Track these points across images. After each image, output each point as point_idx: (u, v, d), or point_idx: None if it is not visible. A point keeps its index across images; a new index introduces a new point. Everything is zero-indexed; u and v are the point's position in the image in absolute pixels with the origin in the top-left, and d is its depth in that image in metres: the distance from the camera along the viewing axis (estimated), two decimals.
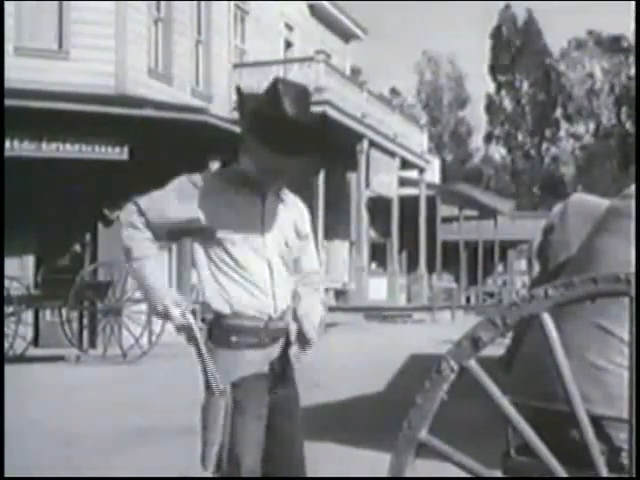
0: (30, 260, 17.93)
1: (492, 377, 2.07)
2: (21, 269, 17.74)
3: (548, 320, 1.98)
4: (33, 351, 15.65)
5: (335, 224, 29.83)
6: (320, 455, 7.09)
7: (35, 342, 16.74)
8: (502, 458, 2.52)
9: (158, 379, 12.85)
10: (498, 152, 68.47)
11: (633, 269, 2.25)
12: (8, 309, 14.37)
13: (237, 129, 18.11)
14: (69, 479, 6.43)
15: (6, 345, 14.42)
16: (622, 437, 2.23)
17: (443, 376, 2.06)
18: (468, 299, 44.91)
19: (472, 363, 2.04)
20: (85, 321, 15.94)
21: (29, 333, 15.82)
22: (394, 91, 63.61)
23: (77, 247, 17.34)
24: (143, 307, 14.67)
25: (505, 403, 2.05)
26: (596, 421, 2.20)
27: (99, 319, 15.09)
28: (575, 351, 2.34)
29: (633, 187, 2.62)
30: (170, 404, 10.07)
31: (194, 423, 3.53)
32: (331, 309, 23.68)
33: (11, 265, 17.16)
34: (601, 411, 2.32)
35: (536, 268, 2.97)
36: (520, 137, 67.17)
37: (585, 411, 2.03)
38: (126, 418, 9.23)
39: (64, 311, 14.65)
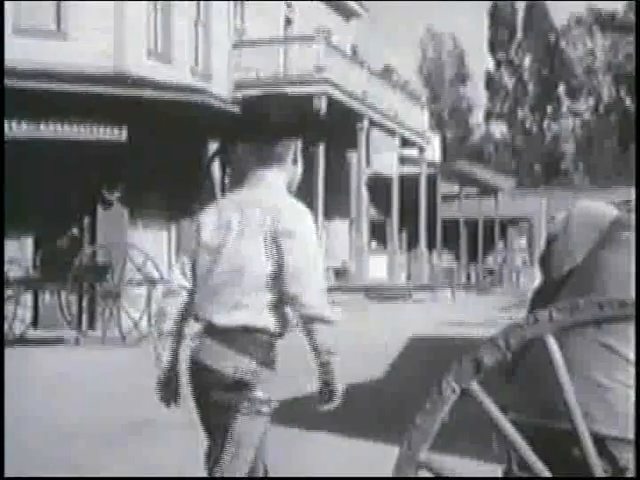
0: (29, 241, 17.86)
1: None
2: (20, 250, 17.68)
3: (553, 344, 1.93)
4: (32, 333, 15.56)
5: (335, 203, 29.76)
6: (319, 444, 7.09)
7: (34, 323, 16.68)
8: (504, 473, 2.48)
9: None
10: (499, 129, 68.25)
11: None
12: (7, 292, 14.27)
13: (237, 109, 17.79)
14: (70, 479, 6.37)
15: (5, 327, 14.35)
16: (626, 457, 2.19)
17: (444, 397, 2.01)
18: (468, 276, 44.94)
19: (474, 385, 1.99)
20: (84, 304, 15.83)
21: (28, 314, 15.74)
22: (388, 69, 63.07)
23: (75, 230, 17.24)
24: (142, 291, 14.66)
25: (506, 425, 2.00)
26: (599, 440, 2.16)
27: (98, 302, 14.98)
28: (579, 368, 2.30)
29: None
30: None
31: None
32: (331, 289, 23.62)
33: (10, 246, 17.12)
34: (605, 430, 2.28)
35: (539, 276, 2.92)
36: (521, 114, 66.91)
37: (588, 430, 1.99)
38: (124, 403, 9.26)
39: (63, 294, 14.56)
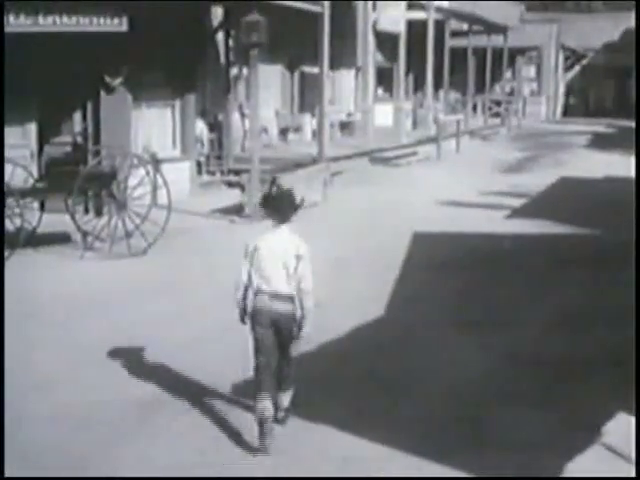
0: (33, 129, 17.77)
1: None
2: (24, 137, 17.64)
3: None
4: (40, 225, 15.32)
5: (341, 53, 29.33)
6: None
7: (41, 207, 16.43)
8: None
9: (162, 269, 13.40)
10: None
11: None
12: (8, 200, 13.85)
13: None
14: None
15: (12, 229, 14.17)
16: None
17: None
18: (475, 107, 44.71)
19: None
20: (90, 207, 15.68)
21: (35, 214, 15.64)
22: None
23: (79, 138, 17.05)
24: (146, 200, 14.70)
25: None
26: None
27: (104, 212, 14.72)
28: None
29: None
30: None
31: None
32: (335, 159, 23.65)
33: (14, 133, 17.07)
34: None
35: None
36: None
37: None
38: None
39: (70, 202, 14.49)
